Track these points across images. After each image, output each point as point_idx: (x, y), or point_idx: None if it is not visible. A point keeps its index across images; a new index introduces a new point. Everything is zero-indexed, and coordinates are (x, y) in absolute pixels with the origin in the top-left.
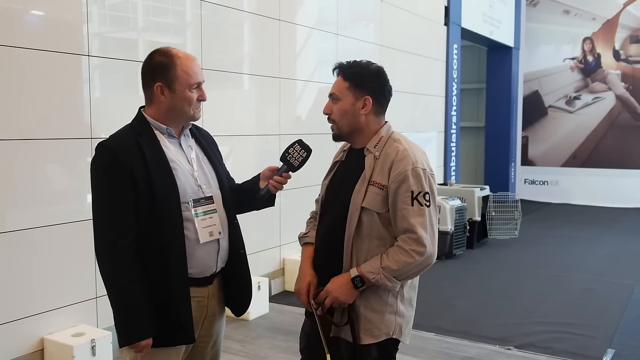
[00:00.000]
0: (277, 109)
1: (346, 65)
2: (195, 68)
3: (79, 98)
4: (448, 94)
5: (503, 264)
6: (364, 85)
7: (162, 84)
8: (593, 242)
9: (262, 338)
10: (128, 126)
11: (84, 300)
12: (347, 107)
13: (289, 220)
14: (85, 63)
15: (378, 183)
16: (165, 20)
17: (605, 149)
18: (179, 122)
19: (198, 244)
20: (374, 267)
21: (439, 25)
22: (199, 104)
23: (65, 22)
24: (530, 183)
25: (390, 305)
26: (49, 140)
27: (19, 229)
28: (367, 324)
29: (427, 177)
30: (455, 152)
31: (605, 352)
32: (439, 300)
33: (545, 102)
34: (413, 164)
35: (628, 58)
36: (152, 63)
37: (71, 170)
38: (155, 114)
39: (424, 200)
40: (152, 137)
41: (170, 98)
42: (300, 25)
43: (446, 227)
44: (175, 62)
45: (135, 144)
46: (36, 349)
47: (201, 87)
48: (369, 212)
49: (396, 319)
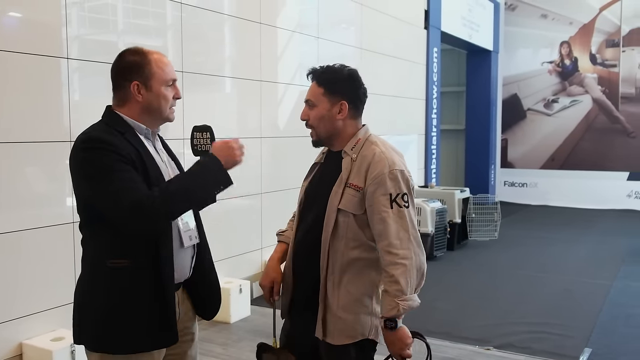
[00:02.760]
0: (258, 111)
1: (319, 70)
2: (168, 65)
3: (58, 101)
4: (428, 97)
5: (483, 266)
6: (339, 90)
7: (138, 83)
8: (571, 243)
9: (243, 341)
10: (102, 124)
11: (64, 304)
12: (324, 112)
13: (270, 223)
14: (65, 66)
15: (354, 185)
16: (145, 22)
17: (582, 151)
18: (153, 123)
19: (181, 248)
20: (390, 304)
21: (419, 29)
22: (175, 103)
23: (44, 24)
24: (510, 185)
25: (365, 306)
26: (28, 143)
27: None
28: (342, 325)
29: (404, 178)
30: (435, 154)
31: (582, 351)
32: (420, 302)
33: (524, 105)
34: (390, 166)
35: (604, 62)
36: (124, 62)
37: (50, 173)
38: (129, 114)
39: (402, 201)
40: (135, 135)
41: (147, 96)
42: (280, 28)
43: (427, 229)
44: (149, 60)
45: (123, 139)
46: (15, 354)
47: (175, 84)
48: (345, 213)
49: (372, 320)
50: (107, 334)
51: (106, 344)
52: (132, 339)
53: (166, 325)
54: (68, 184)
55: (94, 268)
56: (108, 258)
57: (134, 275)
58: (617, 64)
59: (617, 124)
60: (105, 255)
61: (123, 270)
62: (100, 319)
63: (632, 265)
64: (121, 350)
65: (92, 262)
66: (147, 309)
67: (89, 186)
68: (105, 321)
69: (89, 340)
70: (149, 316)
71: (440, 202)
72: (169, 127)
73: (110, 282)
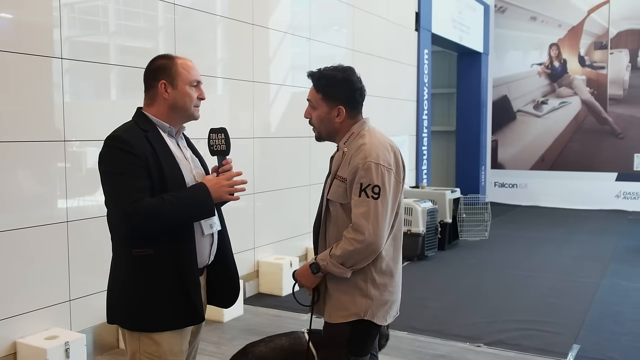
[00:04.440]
0: (250, 112)
1: (316, 75)
2: (193, 68)
3: (50, 101)
4: (419, 98)
5: (473, 265)
6: (335, 96)
7: (165, 82)
8: (560, 243)
9: (236, 339)
10: (132, 122)
11: (57, 303)
12: (323, 115)
13: (263, 223)
14: (57, 66)
15: (341, 176)
16: (137, 24)
17: (571, 152)
18: (179, 120)
19: (201, 235)
20: (324, 255)
21: (410, 30)
22: (199, 104)
23: (36, 25)
24: (500, 186)
25: (359, 288)
26: (20, 142)
27: None
28: (337, 304)
29: (379, 170)
30: (426, 155)
31: (571, 348)
32: (412, 301)
33: (514, 106)
34: (366, 158)
35: (592, 64)
36: (154, 65)
37: (43, 173)
38: (157, 112)
39: (371, 192)
40: (157, 133)
41: (173, 94)
42: (273, 29)
43: (418, 229)
44: (176, 62)
45: (144, 138)
46: (8, 352)
47: (200, 86)
48: (334, 203)
49: (367, 302)
50: (137, 315)
51: (137, 323)
52: (160, 319)
53: (191, 306)
54: (60, 184)
55: (121, 257)
56: (132, 247)
57: (157, 262)
58: (605, 65)
59: (606, 125)
60: (130, 245)
61: (147, 258)
62: (130, 301)
63: (620, 264)
64: (150, 329)
65: (119, 252)
66: (173, 291)
67: (103, 182)
68: (135, 303)
69: (122, 320)
70: (174, 298)
71: (431, 202)
72: None
73: (136, 269)
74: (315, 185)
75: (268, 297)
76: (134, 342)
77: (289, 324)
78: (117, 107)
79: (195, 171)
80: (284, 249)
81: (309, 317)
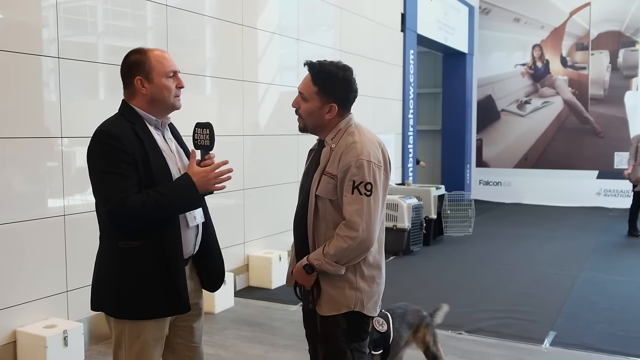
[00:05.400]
0: (240, 111)
1: (317, 67)
2: (168, 59)
3: (38, 99)
4: (405, 98)
5: (457, 259)
6: (332, 92)
7: (141, 77)
8: (542, 239)
9: (227, 329)
10: (119, 115)
11: (55, 294)
12: (314, 110)
13: (252, 218)
14: (45, 64)
15: (330, 173)
16: (125, 24)
17: (554, 151)
18: (162, 112)
19: (186, 227)
20: (318, 255)
21: (396, 31)
22: (179, 92)
23: (25, 24)
24: (485, 184)
25: (349, 282)
26: (20, 139)
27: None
28: (329, 298)
29: (370, 168)
30: (412, 153)
31: (548, 334)
32: (398, 292)
33: (498, 106)
34: (358, 156)
35: (574, 64)
36: (128, 62)
37: (39, 167)
38: (140, 106)
39: (364, 189)
40: (144, 126)
41: (150, 89)
42: (261, 30)
43: (404, 224)
44: (149, 56)
45: (131, 130)
46: (9, 340)
47: (177, 75)
48: (323, 199)
49: (356, 294)
50: (123, 303)
51: (123, 311)
52: (145, 308)
53: (176, 296)
54: (56, 179)
55: (108, 248)
56: (119, 240)
57: (143, 254)
58: (587, 66)
59: (587, 124)
60: (117, 238)
61: (134, 250)
62: (116, 290)
63: (598, 258)
64: (136, 317)
65: (105, 242)
66: (158, 281)
67: (90, 176)
68: (121, 292)
69: (108, 307)
70: (160, 288)
71: (417, 199)
72: None
73: (123, 260)
74: None
75: (258, 290)
76: (118, 328)
77: (278, 315)
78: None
79: (180, 163)
80: (273, 243)
81: (301, 309)
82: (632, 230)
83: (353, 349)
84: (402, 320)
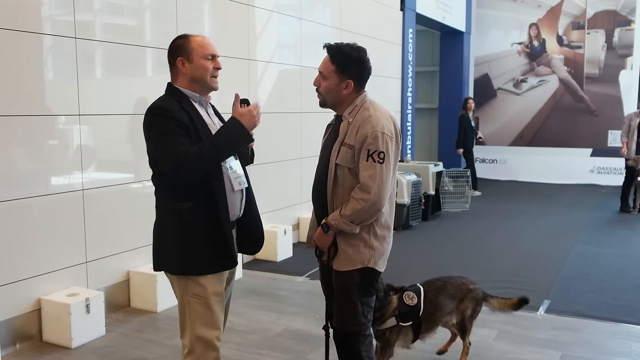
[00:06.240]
0: (239, 89)
1: (334, 49)
2: (208, 43)
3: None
4: (404, 76)
5: (455, 234)
6: (348, 70)
7: (182, 58)
8: (537, 215)
9: (238, 299)
10: (165, 95)
11: (76, 264)
12: (333, 86)
13: (257, 195)
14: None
15: (348, 144)
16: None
17: (549, 129)
18: (203, 91)
19: (232, 191)
20: (335, 216)
21: (395, 10)
22: (216, 73)
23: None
24: (481, 161)
25: (364, 240)
26: (38, 116)
27: (15, 199)
28: (346, 255)
29: (384, 139)
30: (411, 131)
31: (542, 303)
32: (399, 265)
33: (495, 84)
34: (373, 128)
35: (570, 43)
36: (173, 45)
37: (65, 142)
38: (182, 85)
39: (377, 157)
40: (190, 103)
41: (190, 68)
42: (260, 8)
43: (403, 200)
44: (190, 40)
45: (180, 107)
46: (34, 308)
47: (216, 59)
48: (342, 167)
49: (369, 252)
50: (184, 261)
51: (184, 268)
52: (203, 264)
53: (227, 253)
54: (76, 156)
55: (165, 211)
56: (175, 202)
57: (197, 214)
58: (582, 45)
59: (582, 103)
60: (173, 199)
61: (188, 211)
62: (177, 250)
63: (591, 233)
64: (196, 272)
65: (163, 207)
66: (210, 239)
67: (150, 146)
68: (181, 251)
69: (170, 267)
70: (214, 245)
71: (416, 175)
72: None
73: (180, 220)
74: (306, 158)
75: (264, 262)
76: (182, 285)
77: (285, 285)
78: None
79: None
80: (277, 218)
81: (307, 280)
82: (624, 206)
83: (363, 303)
84: (440, 292)
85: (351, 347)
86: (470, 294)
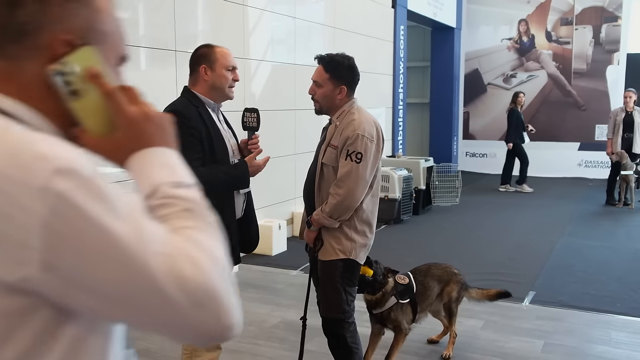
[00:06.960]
0: (240, 86)
1: (327, 59)
2: (230, 55)
3: None
4: (395, 72)
5: (444, 227)
6: (341, 77)
7: (205, 66)
8: (524, 208)
9: None
10: (183, 99)
11: None
12: (328, 93)
13: (253, 190)
14: None
15: (333, 145)
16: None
17: (538, 123)
18: (218, 99)
19: (238, 194)
20: (317, 212)
21: (386, 7)
22: (234, 85)
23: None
24: (471, 156)
25: (345, 233)
26: None
27: None
28: (329, 246)
29: (364, 141)
30: (402, 126)
31: (528, 294)
32: (390, 258)
33: (485, 79)
34: (355, 130)
35: (558, 39)
36: (198, 53)
37: None
38: (200, 91)
39: (355, 157)
40: (205, 109)
41: (212, 76)
42: (252, 7)
43: (394, 194)
44: (215, 50)
45: (197, 112)
46: None
47: (235, 71)
48: (327, 166)
49: (351, 244)
50: None
51: None
52: None
53: (232, 251)
54: None
55: None
56: None
57: None
58: (570, 41)
59: (570, 97)
60: None
61: None
62: None
63: (577, 225)
64: None
65: None
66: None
67: None
68: None
69: None
70: None
71: (407, 170)
72: None
73: None
74: (299, 154)
75: (259, 256)
76: None
77: (279, 279)
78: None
79: (231, 141)
80: (272, 213)
81: (300, 273)
82: (610, 199)
83: (346, 292)
84: (427, 274)
85: (337, 333)
86: (455, 277)
